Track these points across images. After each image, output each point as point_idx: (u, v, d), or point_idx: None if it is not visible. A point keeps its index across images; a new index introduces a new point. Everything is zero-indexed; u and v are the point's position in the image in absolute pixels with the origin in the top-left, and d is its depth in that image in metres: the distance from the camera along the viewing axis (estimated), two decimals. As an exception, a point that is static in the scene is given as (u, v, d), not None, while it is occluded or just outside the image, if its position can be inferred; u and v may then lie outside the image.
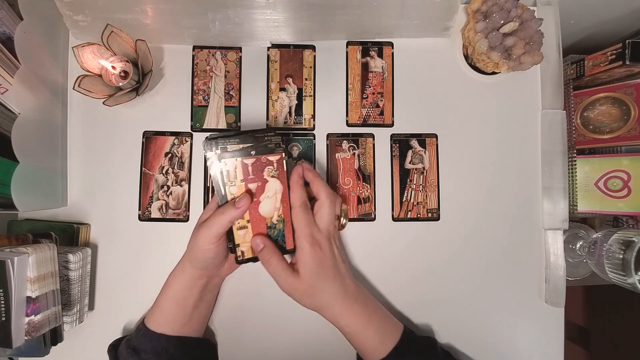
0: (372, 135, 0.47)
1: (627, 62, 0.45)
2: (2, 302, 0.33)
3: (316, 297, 0.37)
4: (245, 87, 0.47)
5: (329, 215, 0.37)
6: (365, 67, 0.47)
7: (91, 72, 0.42)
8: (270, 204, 0.37)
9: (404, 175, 0.47)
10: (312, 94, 0.47)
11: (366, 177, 0.46)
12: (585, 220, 0.59)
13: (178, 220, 0.45)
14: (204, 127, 0.46)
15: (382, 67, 0.47)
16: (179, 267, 0.40)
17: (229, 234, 0.37)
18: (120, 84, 0.42)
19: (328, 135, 0.47)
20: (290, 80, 0.47)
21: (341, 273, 0.38)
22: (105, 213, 0.45)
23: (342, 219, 0.41)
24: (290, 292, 0.37)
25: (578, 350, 0.95)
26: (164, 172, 0.46)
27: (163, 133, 0.46)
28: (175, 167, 0.46)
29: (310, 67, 0.47)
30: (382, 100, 0.47)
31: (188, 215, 0.45)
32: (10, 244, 0.36)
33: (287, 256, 0.38)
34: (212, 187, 0.45)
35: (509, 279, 0.46)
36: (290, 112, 0.47)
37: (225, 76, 0.47)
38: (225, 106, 0.46)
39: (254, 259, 0.38)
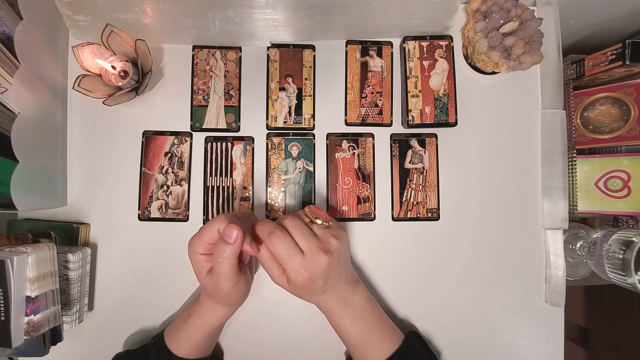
0: (372, 135, 0.47)
1: (627, 62, 0.45)
2: (2, 301, 0.33)
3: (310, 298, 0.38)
4: (245, 86, 0.47)
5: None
6: (364, 67, 0.47)
7: (91, 72, 0.42)
8: (438, 79, 0.44)
9: (404, 175, 0.47)
10: (311, 93, 0.47)
11: (366, 176, 0.46)
12: (585, 220, 0.59)
13: (178, 220, 0.45)
14: (204, 126, 0.46)
15: (382, 66, 0.47)
16: (208, 308, 0.38)
17: None
18: (120, 83, 0.42)
19: (328, 135, 0.47)
20: (290, 79, 0.47)
21: (327, 284, 0.36)
22: (104, 213, 0.45)
23: (316, 219, 0.37)
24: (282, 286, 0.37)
25: (578, 350, 0.95)
26: (163, 171, 0.46)
27: (163, 133, 0.46)
28: (175, 167, 0.46)
29: (310, 67, 0.47)
30: (381, 100, 0.47)
31: (187, 215, 0.45)
32: (9, 243, 0.36)
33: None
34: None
35: (509, 279, 0.46)
36: (289, 112, 0.47)
37: (225, 76, 0.47)
38: (225, 106, 0.46)
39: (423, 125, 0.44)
